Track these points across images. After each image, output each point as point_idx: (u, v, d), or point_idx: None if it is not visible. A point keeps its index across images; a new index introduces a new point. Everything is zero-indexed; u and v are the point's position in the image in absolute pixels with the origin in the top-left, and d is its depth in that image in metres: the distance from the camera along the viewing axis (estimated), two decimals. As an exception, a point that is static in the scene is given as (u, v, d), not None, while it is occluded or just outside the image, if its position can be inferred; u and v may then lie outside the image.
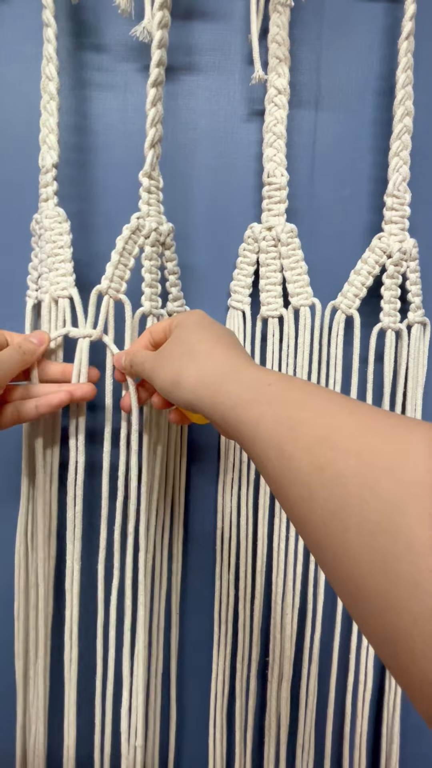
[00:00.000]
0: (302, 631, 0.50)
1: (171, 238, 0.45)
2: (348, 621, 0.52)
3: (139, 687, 0.45)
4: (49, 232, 0.43)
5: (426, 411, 0.51)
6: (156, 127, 0.41)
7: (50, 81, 0.42)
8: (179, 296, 0.48)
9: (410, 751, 0.54)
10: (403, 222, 0.46)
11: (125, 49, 0.47)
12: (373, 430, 0.21)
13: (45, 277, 0.44)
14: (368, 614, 0.19)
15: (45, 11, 0.42)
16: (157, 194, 0.43)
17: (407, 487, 0.18)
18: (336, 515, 0.20)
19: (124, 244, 0.42)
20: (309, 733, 0.51)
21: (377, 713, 0.54)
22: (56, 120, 0.43)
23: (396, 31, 0.46)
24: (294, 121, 0.48)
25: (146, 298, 0.44)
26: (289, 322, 0.47)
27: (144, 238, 0.43)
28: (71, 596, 0.44)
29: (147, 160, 0.42)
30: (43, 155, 0.43)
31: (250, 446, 0.27)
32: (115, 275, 0.43)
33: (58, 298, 0.43)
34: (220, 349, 0.33)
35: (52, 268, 0.43)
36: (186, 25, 0.47)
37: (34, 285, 0.46)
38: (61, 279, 0.43)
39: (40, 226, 0.44)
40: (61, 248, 0.43)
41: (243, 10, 0.47)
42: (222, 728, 0.51)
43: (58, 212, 0.43)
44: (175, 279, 0.47)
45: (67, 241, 0.43)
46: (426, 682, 0.16)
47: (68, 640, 0.45)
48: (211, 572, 0.51)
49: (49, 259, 0.43)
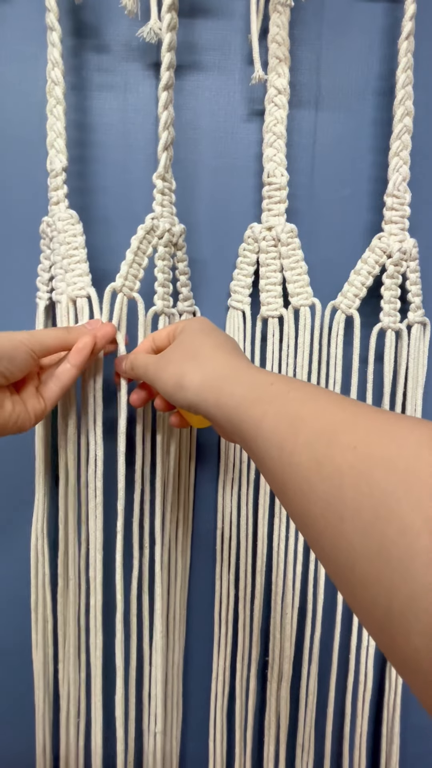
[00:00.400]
0: (302, 631, 0.51)
1: (183, 239, 0.46)
2: (348, 621, 0.52)
3: (158, 676, 0.47)
4: (62, 234, 0.44)
5: (426, 411, 0.51)
6: (168, 130, 0.42)
7: (56, 85, 0.43)
8: (189, 296, 0.48)
9: (410, 751, 0.54)
10: (403, 222, 0.46)
11: (126, 49, 0.47)
12: (372, 427, 0.22)
13: (60, 279, 0.44)
14: (365, 601, 0.19)
15: (49, 14, 0.42)
16: (170, 196, 0.44)
17: (401, 475, 0.19)
18: (333, 507, 0.21)
19: (139, 243, 0.43)
20: (309, 733, 0.51)
21: (377, 713, 0.54)
22: (63, 124, 0.43)
23: (396, 31, 0.46)
24: (294, 121, 0.48)
25: (159, 297, 0.44)
26: (289, 322, 0.47)
27: (158, 238, 0.44)
28: (95, 585, 0.45)
29: (161, 163, 0.43)
30: (51, 159, 0.44)
31: (252, 444, 0.27)
32: (129, 273, 0.43)
33: (76, 298, 0.44)
34: (222, 353, 0.34)
35: (68, 269, 0.44)
36: (186, 25, 0.47)
37: (45, 287, 0.47)
38: (78, 279, 0.44)
39: (52, 229, 0.44)
40: (76, 249, 0.44)
41: (243, 9, 0.47)
42: (222, 728, 0.51)
43: (71, 214, 0.44)
44: (186, 279, 0.47)
45: (81, 242, 0.44)
46: (422, 660, 0.17)
47: (93, 627, 0.46)
48: (212, 572, 0.51)
49: (64, 260, 0.44)
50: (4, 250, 0.49)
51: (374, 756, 0.54)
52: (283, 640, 0.50)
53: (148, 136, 0.48)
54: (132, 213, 0.48)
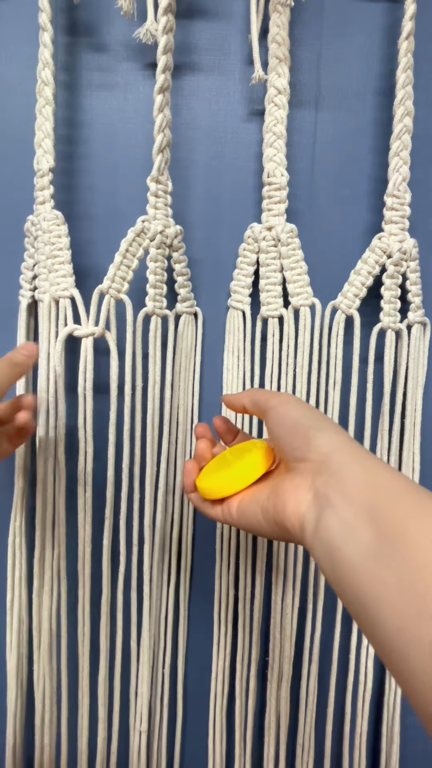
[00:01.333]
0: (302, 631, 0.51)
1: (179, 240, 0.45)
2: (348, 621, 0.52)
3: (144, 674, 0.47)
4: (47, 234, 0.43)
5: (426, 411, 0.51)
6: (164, 132, 0.42)
7: (46, 86, 0.43)
8: (189, 297, 0.48)
9: (410, 751, 0.54)
10: (403, 222, 0.46)
11: (125, 49, 0.47)
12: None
13: (44, 278, 0.44)
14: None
15: (42, 15, 0.42)
16: (165, 198, 0.44)
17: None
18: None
19: (128, 246, 0.43)
20: (309, 733, 0.51)
21: (377, 713, 0.54)
22: (52, 125, 0.43)
23: (396, 31, 0.46)
24: (294, 121, 0.48)
25: (150, 299, 0.45)
26: (289, 322, 0.47)
27: (149, 240, 0.43)
28: (83, 578, 0.46)
29: (155, 165, 0.43)
30: (38, 159, 0.44)
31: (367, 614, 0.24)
32: (117, 276, 0.43)
33: (59, 298, 0.44)
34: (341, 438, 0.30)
35: (52, 270, 0.44)
36: (186, 25, 0.47)
37: (28, 285, 0.47)
38: (61, 280, 0.44)
39: (36, 228, 0.44)
40: (60, 250, 0.44)
41: (243, 9, 0.47)
42: (222, 728, 0.51)
43: (56, 215, 0.44)
44: (185, 280, 0.47)
45: (66, 243, 0.44)
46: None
47: (81, 623, 0.47)
48: (212, 572, 0.51)
49: (48, 260, 0.44)
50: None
51: (374, 756, 0.54)
52: (283, 640, 0.50)
53: (146, 135, 0.48)
54: (126, 213, 0.48)
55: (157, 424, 0.46)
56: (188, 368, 0.49)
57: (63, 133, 0.47)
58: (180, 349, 0.48)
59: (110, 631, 0.47)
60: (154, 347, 0.45)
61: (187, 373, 0.49)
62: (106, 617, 0.47)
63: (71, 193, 0.48)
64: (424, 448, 0.50)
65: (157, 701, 0.51)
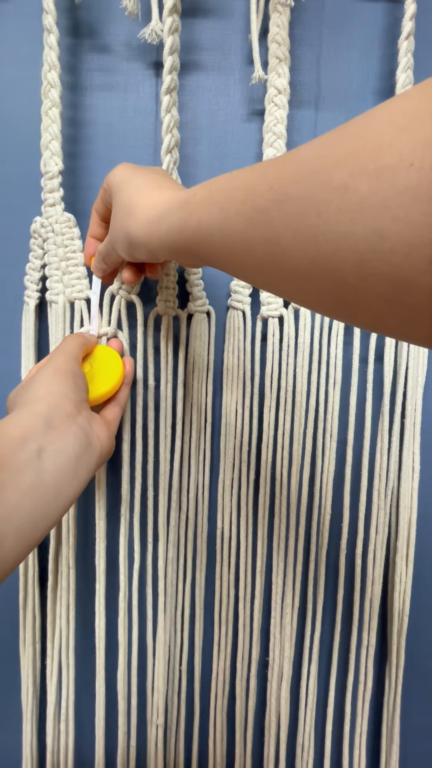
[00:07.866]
0: (302, 631, 0.51)
1: None
2: (348, 621, 0.52)
3: (160, 669, 0.48)
4: (60, 236, 0.44)
5: (426, 411, 0.51)
6: (172, 133, 0.42)
7: (53, 88, 0.43)
8: (201, 296, 0.48)
9: (410, 751, 0.54)
10: (403, 222, 0.46)
11: (126, 49, 0.47)
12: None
13: (57, 280, 0.45)
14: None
15: (47, 17, 0.42)
16: None
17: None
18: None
19: None
20: (309, 733, 0.51)
21: (377, 713, 0.54)
22: (59, 127, 0.43)
23: (396, 31, 0.46)
24: (294, 121, 0.48)
25: (160, 299, 0.45)
26: (289, 322, 0.47)
27: None
28: (98, 575, 0.47)
29: (163, 166, 0.43)
30: (46, 161, 0.44)
31: (209, 253, 0.28)
32: None
33: (74, 300, 0.45)
34: (148, 193, 0.34)
35: (66, 272, 0.45)
36: (186, 25, 0.47)
37: (34, 286, 0.47)
38: (76, 282, 0.45)
39: (47, 230, 0.44)
40: (74, 252, 0.45)
41: (243, 9, 0.47)
42: (222, 728, 0.51)
43: (68, 217, 0.44)
44: (196, 279, 0.47)
45: (79, 246, 0.45)
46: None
47: (98, 616, 0.47)
48: (212, 572, 0.51)
49: (62, 263, 0.44)
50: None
51: (374, 756, 0.54)
52: (283, 640, 0.50)
53: (149, 136, 0.48)
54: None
55: (170, 422, 0.47)
56: (201, 367, 0.49)
57: (65, 132, 0.47)
58: (192, 348, 0.48)
59: (128, 627, 0.48)
60: (166, 346, 0.46)
61: (200, 372, 0.49)
62: (124, 613, 0.47)
63: (73, 192, 0.48)
64: (424, 448, 0.50)
65: (174, 696, 0.51)
